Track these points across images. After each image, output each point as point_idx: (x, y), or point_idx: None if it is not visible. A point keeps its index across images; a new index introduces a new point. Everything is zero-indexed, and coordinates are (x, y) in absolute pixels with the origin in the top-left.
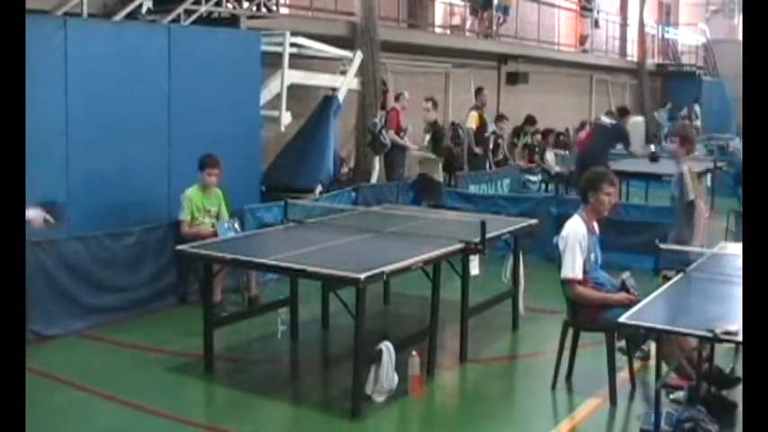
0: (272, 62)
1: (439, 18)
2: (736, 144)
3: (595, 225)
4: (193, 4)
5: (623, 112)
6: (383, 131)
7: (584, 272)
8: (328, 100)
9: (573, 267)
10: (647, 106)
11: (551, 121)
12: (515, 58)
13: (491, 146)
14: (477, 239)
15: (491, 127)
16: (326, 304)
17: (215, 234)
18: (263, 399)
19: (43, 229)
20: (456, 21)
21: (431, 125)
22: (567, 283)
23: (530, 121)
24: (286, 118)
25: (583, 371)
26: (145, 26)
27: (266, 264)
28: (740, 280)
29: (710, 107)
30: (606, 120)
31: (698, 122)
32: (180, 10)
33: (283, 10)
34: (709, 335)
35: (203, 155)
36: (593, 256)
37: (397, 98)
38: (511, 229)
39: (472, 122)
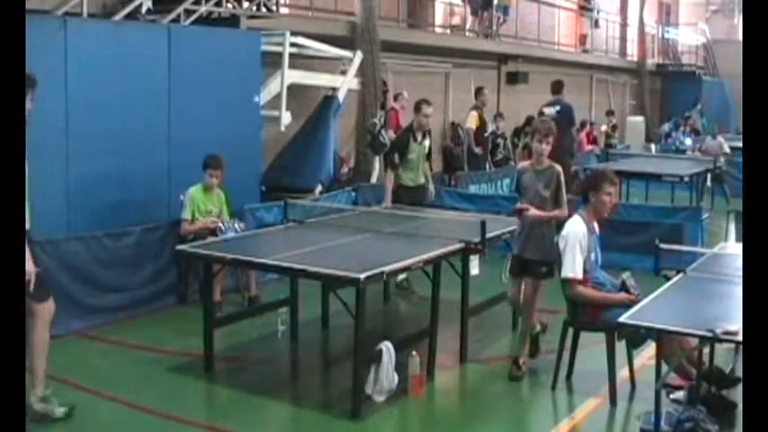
0: (272, 62)
1: (439, 18)
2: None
3: (595, 225)
4: (193, 4)
5: (558, 87)
6: (382, 131)
7: (585, 271)
8: (328, 100)
9: (573, 267)
10: (647, 106)
11: None
12: (515, 58)
13: (491, 146)
14: (477, 239)
15: (491, 127)
16: (326, 304)
17: (214, 232)
18: (263, 399)
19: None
20: (456, 21)
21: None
22: (568, 283)
23: (530, 122)
24: (286, 118)
25: (583, 371)
26: (145, 26)
27: (266, 264)
28: (740, 280)
29: (711, 107)
30: (550, 110)
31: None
32: (180, 10)
33: (283, 10)
34: (710, 335)
35: (207, 155)
36: (593, 255)
37: (396, 98)
38: (511, 229)
39: (472, 122)
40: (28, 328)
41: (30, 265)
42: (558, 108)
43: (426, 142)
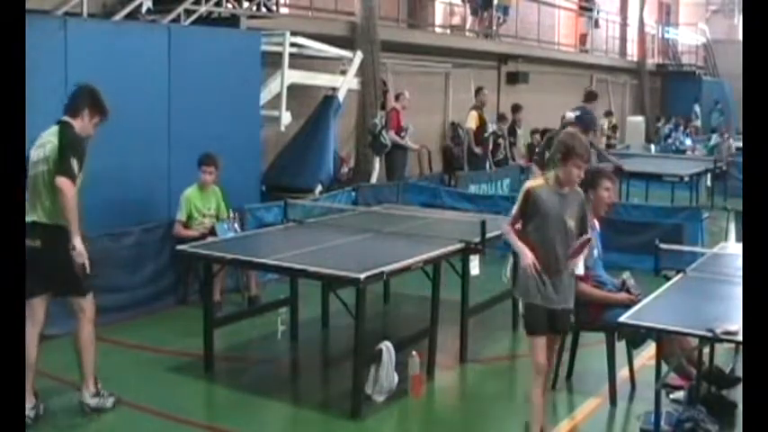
0: (272, 62)
1: (439, 18)
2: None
3: (596, 222)
4: (193, 4)
5: (590, 97)
6: (383, 132)
7: (586, 267)
8: (328, 100)
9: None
10: (647, 106)
11: (551, 121)
12: (515, 58)
13: (491, 146)
14: (478, 239)
15: (491, 127)
16: (326, 304)
17: (213, 232)
18: (263, 399)
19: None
20: (456, 21)
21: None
22: None
23: (515, 109)
24: (286, 118)
25: (583, 371)
26: (145, 26)
27: (266, 264)
28: (740, 280)
29: (711, 107)
30: (570, 114)
31: (698, 122)
32: (180, 10)
33: (283, 10)
34: (709, 335)
35: (201, 154)
36: (594, 252)
37: (397, 98)
38: None
39: (472, 122)
40: (77, 327)
41: (81, 248)
42: (578, 113)
43: None
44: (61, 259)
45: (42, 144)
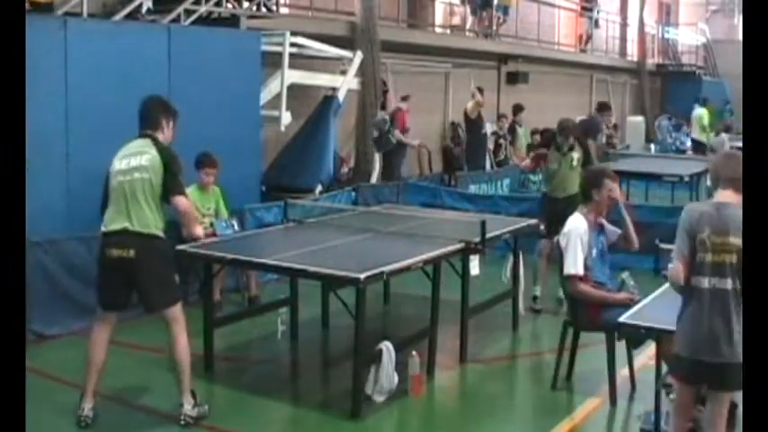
0: (272, 62)
1: (439, 18)
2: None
3: (603, 221)
4: (193, 4)
5: (600, 107)
6: (391, 129)
7: (585, 267)
8: (328, 100)
9: (574, 263)
10: (647, 106)
11: (551, 121)
12: (515, 58)
13: (493, 146)
14: (478, 239)
15: (491, 126)
16: (326, 304)
17: (214, 234)
18: (263, 399)
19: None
20: (456, 21)
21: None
22: (568, 280)
23: (516, 109)
24: (286, 118)
25: (583, 371)
26: (145, 26)
27: (266, 264)
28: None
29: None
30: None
31: None
32: (180, 10)
33: (283, 10)
34: None
35: (200, 153)
36: (594, 252)
37: (404, 99)
38: (511, 229)
39: (470, 104)
40: (172, 339)
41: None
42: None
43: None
44: (155, 271)
45: (135, 153)
